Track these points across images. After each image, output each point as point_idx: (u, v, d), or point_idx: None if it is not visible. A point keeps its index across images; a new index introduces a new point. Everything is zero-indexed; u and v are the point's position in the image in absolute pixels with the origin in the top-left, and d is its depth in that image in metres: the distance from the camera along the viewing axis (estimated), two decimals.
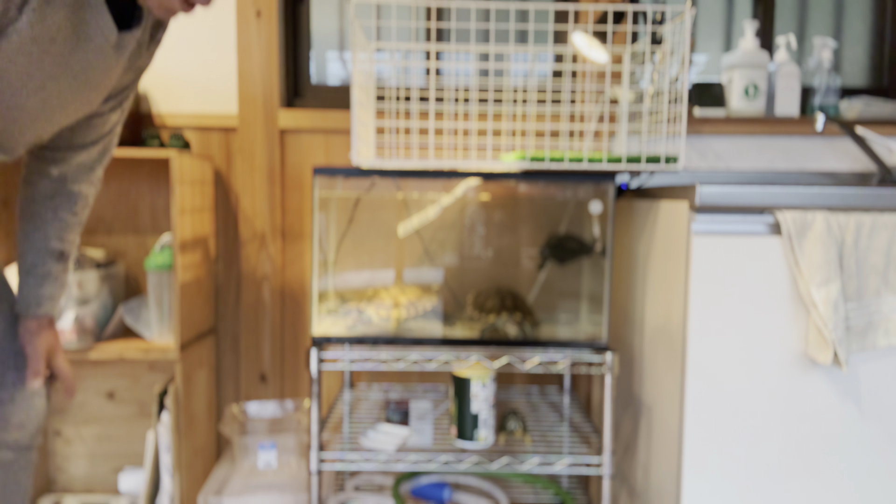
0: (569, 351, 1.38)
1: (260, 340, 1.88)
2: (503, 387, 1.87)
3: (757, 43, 1.76)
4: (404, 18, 1.95)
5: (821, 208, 1.15)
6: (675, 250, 1.23)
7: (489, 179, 1.38)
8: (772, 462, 1.19)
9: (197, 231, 1.70)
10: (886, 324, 1.15)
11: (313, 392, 1.34)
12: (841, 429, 1.18)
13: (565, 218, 1.42)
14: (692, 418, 1.19)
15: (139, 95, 1.81)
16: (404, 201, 1.42)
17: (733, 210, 1.16)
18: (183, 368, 1.62)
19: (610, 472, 1.34)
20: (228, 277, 1.87)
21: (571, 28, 1.54)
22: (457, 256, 1.43)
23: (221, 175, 1.85)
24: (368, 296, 1.43)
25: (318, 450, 1.35)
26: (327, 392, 1.90)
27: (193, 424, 1.69)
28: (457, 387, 1.41)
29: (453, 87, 1.77)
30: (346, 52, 1.97)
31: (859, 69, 1.99)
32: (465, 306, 1.44)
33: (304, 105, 1.91)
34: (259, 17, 1.79)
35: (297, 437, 1.71)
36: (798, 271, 1.14)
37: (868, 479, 1.19)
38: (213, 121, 1.83)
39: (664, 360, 1.29)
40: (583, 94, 1.78)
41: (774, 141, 1.79)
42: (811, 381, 1.17)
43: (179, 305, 1.58)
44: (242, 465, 1.71)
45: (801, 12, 1.98)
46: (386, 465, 1.37)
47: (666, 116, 1.36)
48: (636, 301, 1.47)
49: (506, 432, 1.48)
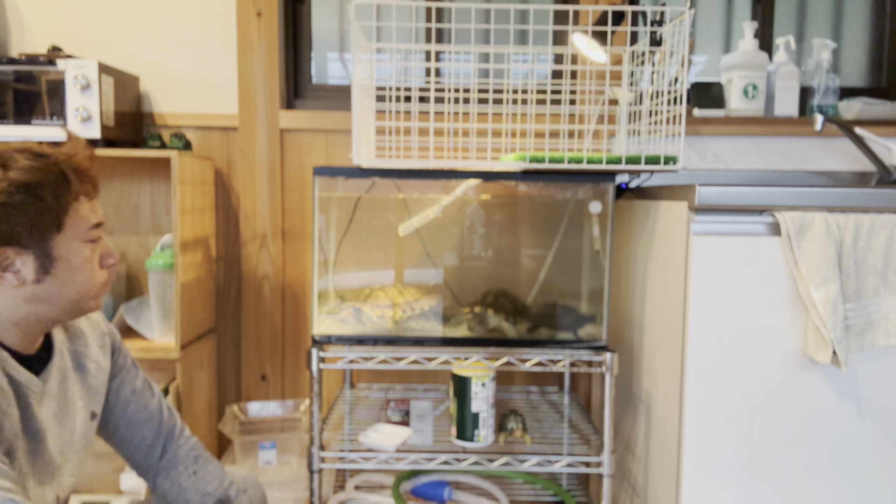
0: (568, 351, 1.38)
1: (260, 340, 1.88)
2: (503, 386, 1.88)
3: (756, 44, 1.76)
4: (404, 19, 1.95)
5: (820, 208, 1.15)
6: (675, 250, 1.23)
7: (489, 180, 1.38)
8: (771, 461, 1.19)
9: (198, 231, 1.70)
10: (885, 324, 1.15)
11: (313, 391, 1.34)
12: (840, 428, 1.19)
13: (565, 218, 1.43)
14: (692, 417, 1.19)
15: (140, 95, 1.82)
16: (404, 201, 1.42)
17: (733, 210, 1.16)
18: (184, 368, 1.62)
19: (610, 471, 1.34)
20: (229, 277, 1.88)
21: (571, 28, 1.54)
22: (456, 256, 1.43)
23: (222, 175, 1.86)
24: (368, 295, 1.44)
25: (318, 449, 1.35)
26: (327, 392, 1.90)
27: (194, 424, 1.70)
28: (457, 386, 1.42)
29: (453, 87, 1.78)
30: (347, 53, 1.97)
31: (858, 70, 1.99)
32: (463, 306, 1.44)
33: (305, 105, 1.92)
34: (259, 18, 1.80)
35: (297, 437, 1.72)
36: (797, 271, 1.15)
37: (867, 478, 1.20)
38: (213, 120, 1.83)
39: (664, 359, 1.29)
40: (582, 94, 1.78)
41: (773, 141, 1.79)
42: (810, 381, 1.18)
43: (180, 305, 1.58)
44: (243, 465, 1.71)
45: (801, 13, 1.98)
46: (386, 465, 1.37)
47: (665, 117, 1.36)
48: (636, 301, 1.47)
49: (505, 432, 1.48)
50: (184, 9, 1.82)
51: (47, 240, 0.90)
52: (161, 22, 1.83)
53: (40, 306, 0.93)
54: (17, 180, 0.86)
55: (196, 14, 1.82)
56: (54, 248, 0.90)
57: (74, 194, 0.91)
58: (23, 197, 0.86)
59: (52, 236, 0.90)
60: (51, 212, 0.89)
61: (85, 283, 0.94)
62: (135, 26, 1.83)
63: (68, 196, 0.90)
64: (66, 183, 0.90)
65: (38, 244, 0.89)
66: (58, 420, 0.99)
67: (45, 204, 0.88)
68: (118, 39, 1.83)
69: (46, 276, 0.91)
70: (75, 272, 0.93)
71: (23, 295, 0.91)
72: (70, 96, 1.53)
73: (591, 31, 1.54)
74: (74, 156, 0.93)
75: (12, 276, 0.89)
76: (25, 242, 0.88)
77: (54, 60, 1.53)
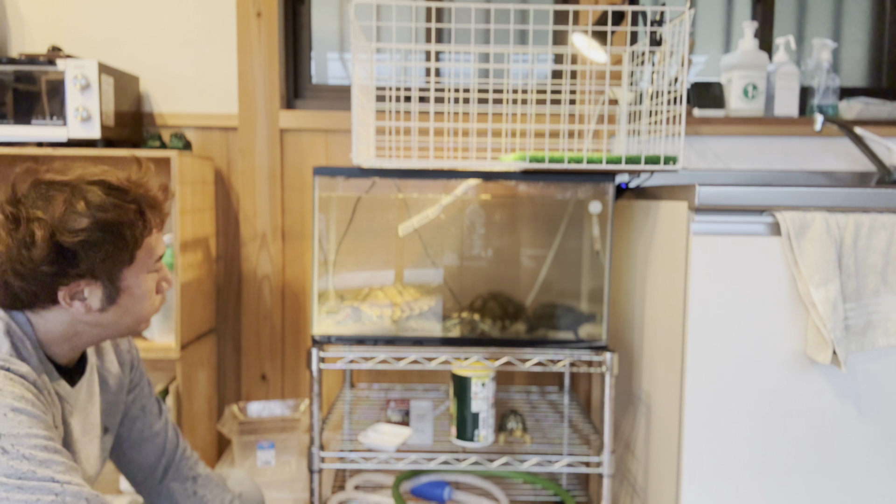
0: (568, 351, 1.38)
1: (260, 340, 1.88)
2: (503, 386, 1.88)
3: (756, 44, 1.76)
4: (404, 18, 1.95)
5: (820, 208, 1.15)
6: (675, 250, 1.23)
7: (489, 180, 1.38)
8: (771, 461, 1.19)
9: (198, 231, 1.70)
10: (885, 324, 1.15)
11: (313, 391, 1.34)
12: (840, 428, 1.19)
13: (565, 218, 1.43)
14: (692, 417, 1.19)
15: (140, 95, 1.82)
16: (404, 201, 1.42)
17: (732, 210, 1.16)
18: (184, 368, 1.62)
19: (610, 471, 1.34)
20: (229, 277, 1.88)
21: (571, 28, 1.54)
22: (456, 256, 1.43)
23: (222, 175, 1.86)
24: (369, 295, 1.44)
25: (318, 449, 1.35)
26: (327, 392, 1.90)
27: (194, 424, 1.70)
28: (457, 386, 1.42)
29: (453, 87, 1.78)
30: (347, 53, 1.97)
31: (858, 70, 1.99)
32: (463, 307, 1.44)
33: (305, 105, 1.92)
34: (259, 18, 1.80)
35: (296, 437, 1.72)
36: (797, 271, 1.15)
37: (867, 478, 1.20)
38: (213, 120, 1.83)
39: (664, 359, 1.29)
40: (582, 94, 1.78)
41: (773, 141, 1.79)
42: (810, 381, 1.18)
43: (180, 305, 1.58)
44: (242, 465, 1.71)
45: (800, 13, 1.98)
46: (386, 465, 1.37)
47: (665, 117, 1.36)
48: (636, 301, 1.47)
49: (505, 432, 1.48)
50: (184, 9, 1.82)
51: (117, 273, 0.91)
52: (161, 22, 1.83)
53: (97, 329, 0.94)
54: (99, 219, 0.86)
55: (196, 14, 1.82)
56: (123, 281, 0.92)
57: (149, 230, 0.93)
58: (103, 235, 0.87)
59: (122, 270, 0.91)
60: (127, 248, 0.90)
61: (144, 311, 0.97)
62: (135, 26, 1.83)
63: (144, 232, 0.92)
64: (142, 220, 0.91)
65: (108, 277, 0.90)
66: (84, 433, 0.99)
67: (123, 241, 0.89)
68: (118, 39, 1.83)
69: (111, 305, 0.92)
70: (137, 302, 0.95)
71: (85, 320, 0.92)
72: (70, 96, 1.53)
73: (591, 31, 1.54)
74: (150, 188, 0.93)
75: (80, 304, 0.90)
76: (98, 275, 0.89)
77: (54, 60, 1.53)
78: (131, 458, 1.12)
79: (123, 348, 1.11)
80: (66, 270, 0.87)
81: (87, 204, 0.86)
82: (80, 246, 0.86)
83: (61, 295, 0.89)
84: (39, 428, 0.82)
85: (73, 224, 0.85)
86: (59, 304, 0.90)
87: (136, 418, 1.12)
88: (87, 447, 1.00)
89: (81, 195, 0.87)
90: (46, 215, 0.85)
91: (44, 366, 0.92)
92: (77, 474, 0.82)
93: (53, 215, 0.85)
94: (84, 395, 0.99)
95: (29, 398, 0.84)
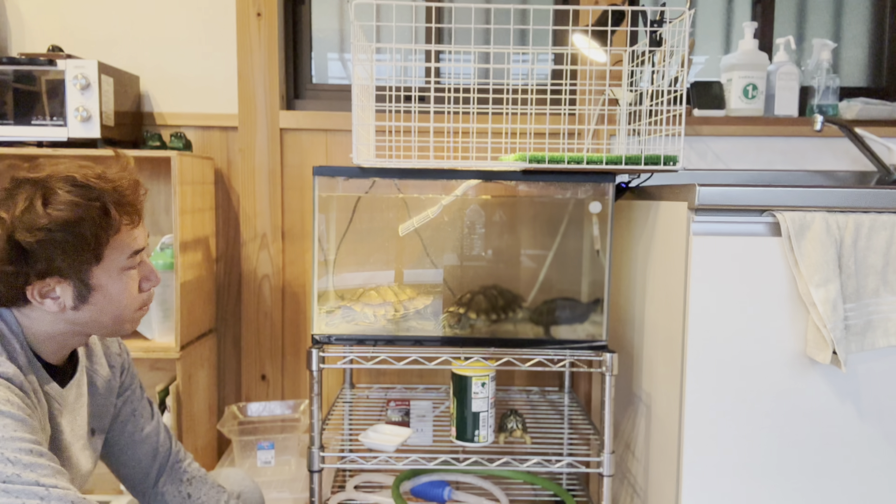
0: (568, 350, 1.38)
1: (260, 340, 1.88)
2: (503, 386, 1.88)
3: (756, 44, 1.76)
4: (404, 18, 1.95)
5: (820, 208, 1.15)
6: (675, 250, 1.23)
7: (489, 180, 1.38)
8: (771, 461, 1.19)
9: (198, 231, 1.70)
10: (885, 324, 1.15)
11: (313, 391, 1.34)
12: (840, 428, 1.19)
13: (565, 218, 1.43)
14: (692, 417, 1.19)
15: (140, 95, 1.82)
16: (404, 201, 1.42)
17: (733, 210, 1.16)
18: (184, 368, 1.62)
19: (610, 471, 1.34)
20: (229, 277, 1.88)
21: (571, 28, 1.54)
22: (456, 256, 1.43)
23: (222, 175, 1.86)
24: (369, 295, 1.44)
25: (318, 449, 1.35)
26: (327, 392, 1.90)
27: (194, 424, 1.70)
28: (457, 386, 1.42)
29: (453, 87, 1.78)
30: (347, 53, 1.97)
31: (858, 70, 1.99)
32: (461, 306, 1.44)
33: (305, 105, 1.92)
34: (259, 18, 1.80)
35: (296, 437, 1.72)
36: (797, 271, 1.15)
37: (867, 478, 1.20)
38: (213, 120, 1.83)
39: (664, 359, 1.29)
40: (582, 94, 1.78)
41: (773, 141, 1.79)
42: (810, 381, 1.18)
43: (180, 305, 1.58)
44: (242, 465, 1.71)
45: (801, 13, 1.98)
46: (386, 464, 1.37)
47: (665, 117, 1.36)
48: (636, 301, 1.47)
49: (505, 432, 1.48)
50: (184, 9, 1.82)
51: (85, 271, 0.90)
52: (161, 22, 1.83)
53: (78, 328, 0.94)
54: (57, 218, 0.85)
55: (196, 14, 1.82)
56: (92, 279, 0.91)
57: (115, 228, 0.91)
58: (62, 234, 0.86)
59: (90, 268, 0.90)
60: (89, 247, 0.88)
61: (122, 309, 0.95)
62: (135, 26, 1.82)
63: (109, 231, 0.90)
64: (106, 218, 0.90)
65: (76, 275, 0.89)
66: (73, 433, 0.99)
67: (84, 240, 0.87)
68: (118, 39, 1.83)
69: (84, 304, 0.92)
70: (112, 301, 0.93)
71: (62, 318, 0.92)
72: (70, 96, 1.53)
73: (591, 31, 1.54)
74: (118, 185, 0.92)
75: (52, 302, 0.90)
76: (65, 273, 0.88)
77: (54, 60, 1.53)
78: (123, 461, 1.12)
79: (114, 351, 1.11)
80: (27, 269, 0.86)
81: (46, 202, 0.85)
82: (39, 245, 0.85)
83: (29, 293, 0.88)
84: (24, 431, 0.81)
85: (31, 222, 0.84)
86: (30, 302, 0.89)
87: (127, 421, 1.11)
88: (76, 447, 1.00)
89: (42, 193, 0.86)
90: (8, 214, 0.84)
91: (32, 365, 0.92)
92: (63, 478, 0.82)
93: (14, 214, 0.84)
94: (74, 396, 0.99)
95: (14, 401, 0.83)
